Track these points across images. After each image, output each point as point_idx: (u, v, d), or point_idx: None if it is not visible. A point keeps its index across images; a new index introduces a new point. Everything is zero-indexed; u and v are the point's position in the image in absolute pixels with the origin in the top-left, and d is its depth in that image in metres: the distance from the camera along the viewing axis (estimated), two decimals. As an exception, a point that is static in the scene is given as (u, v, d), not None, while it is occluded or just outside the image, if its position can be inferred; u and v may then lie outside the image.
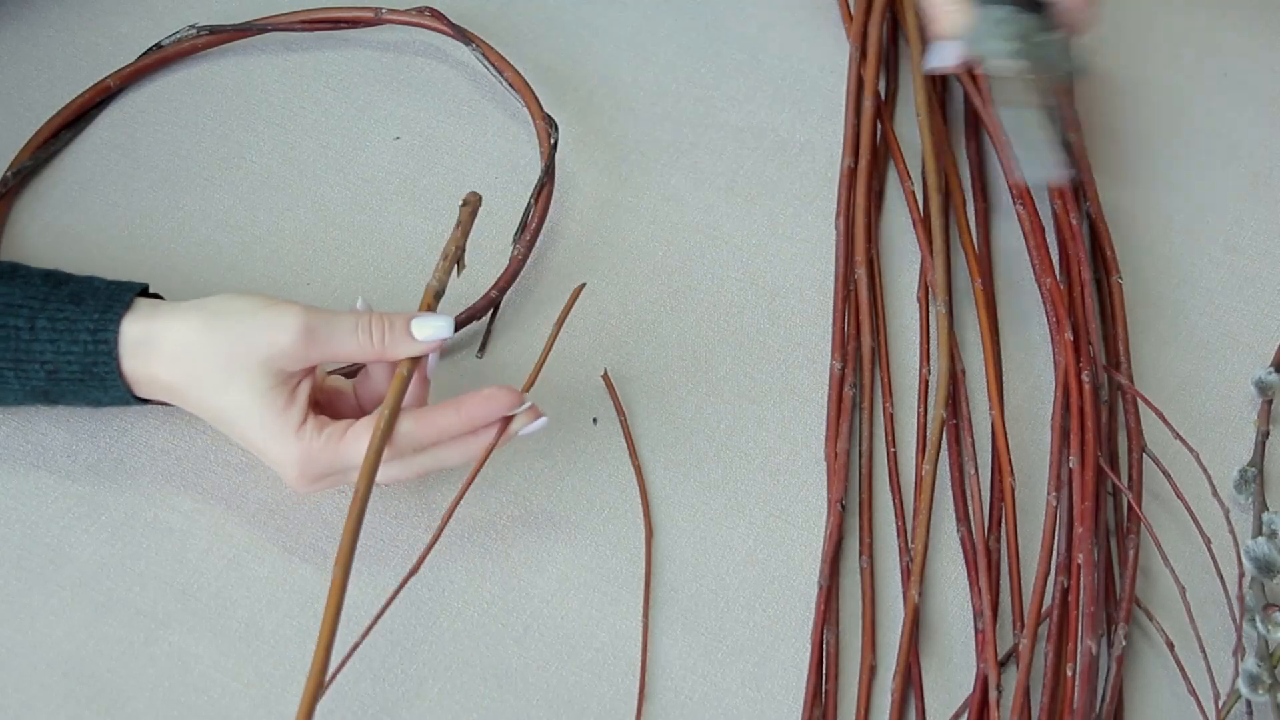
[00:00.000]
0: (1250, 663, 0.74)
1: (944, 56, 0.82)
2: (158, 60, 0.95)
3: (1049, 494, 0.79)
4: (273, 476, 0.80)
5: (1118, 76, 0.99)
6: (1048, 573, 0.76)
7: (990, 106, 0.89)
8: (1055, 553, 0.77)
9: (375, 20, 0.96)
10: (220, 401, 0.73)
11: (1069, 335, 0.82)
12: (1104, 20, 0.95)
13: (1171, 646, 0.76)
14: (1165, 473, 0.80)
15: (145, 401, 0.76)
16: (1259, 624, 0.75)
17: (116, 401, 0.75)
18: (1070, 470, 0.79)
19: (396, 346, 0.74)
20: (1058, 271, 0.88)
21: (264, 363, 0.73)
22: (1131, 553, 0.78)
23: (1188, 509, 0.79)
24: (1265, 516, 0.80)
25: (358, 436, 0.73)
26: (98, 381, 0.74)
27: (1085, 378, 0.81)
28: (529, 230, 0.87)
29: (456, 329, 0.83)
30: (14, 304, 0.73)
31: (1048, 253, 0.87)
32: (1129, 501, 0.79)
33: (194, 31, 0.95)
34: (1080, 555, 0.76)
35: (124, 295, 0.74)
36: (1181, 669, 0.75)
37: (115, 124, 0.93)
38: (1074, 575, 0.76)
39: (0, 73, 0.95)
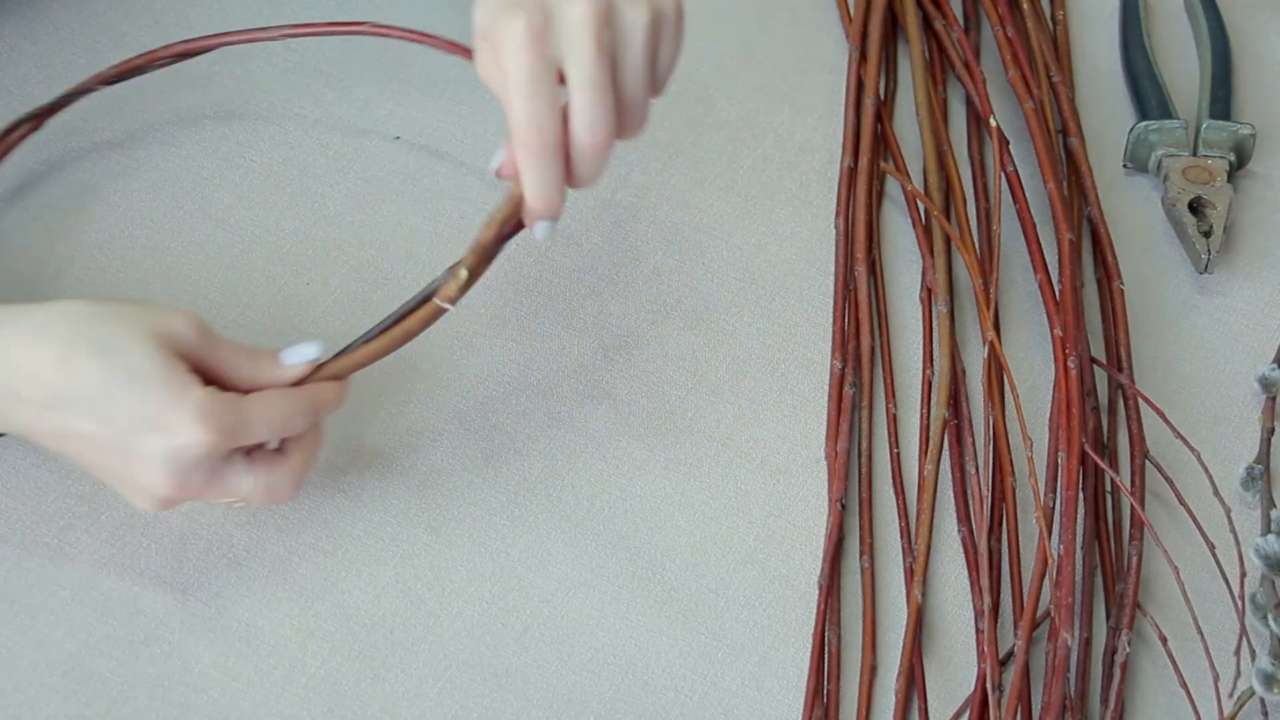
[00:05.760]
0: (1264, 661, 0.74)
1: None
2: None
3: (1046, 494, 0.79)
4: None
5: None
6: (1044, 574, 0.76)
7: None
8: (1056, 554, 0.77)
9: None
10: (102, 366, 0.68)
11: (1058, 331, 0.82)
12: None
13: (1164, 641, 0.75)
14: (1168, 479, 0.80)
15: None
16: (1271, 622, 0.75)
17: None
18: (1060, 464, 0.79)
19: (266, 376, 0.72)
20: (1053, 271, 0.87)
21: (159, 335, 0.69)
22: (1135, 559, 0.78)
23: (1190, 514, 0.79)
24: (1274, 514, 0.80)
25: (262, 396, 0.71)
26: None
27: (1071, 364, 0.81)
28: None
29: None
30: None
31: (1040, 249, 0.87)
32: (1132, 506, 0.79)
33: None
34: (1061, 545, 0.76)
35: None
36: (1178, 671, 0.75)
37: (115, 124, 0.93)
38: (1058, 567, 0.75)
39: (-1, 71, 0.95)
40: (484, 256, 0.75)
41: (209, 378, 0.71)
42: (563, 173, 0.73)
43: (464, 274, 0.74)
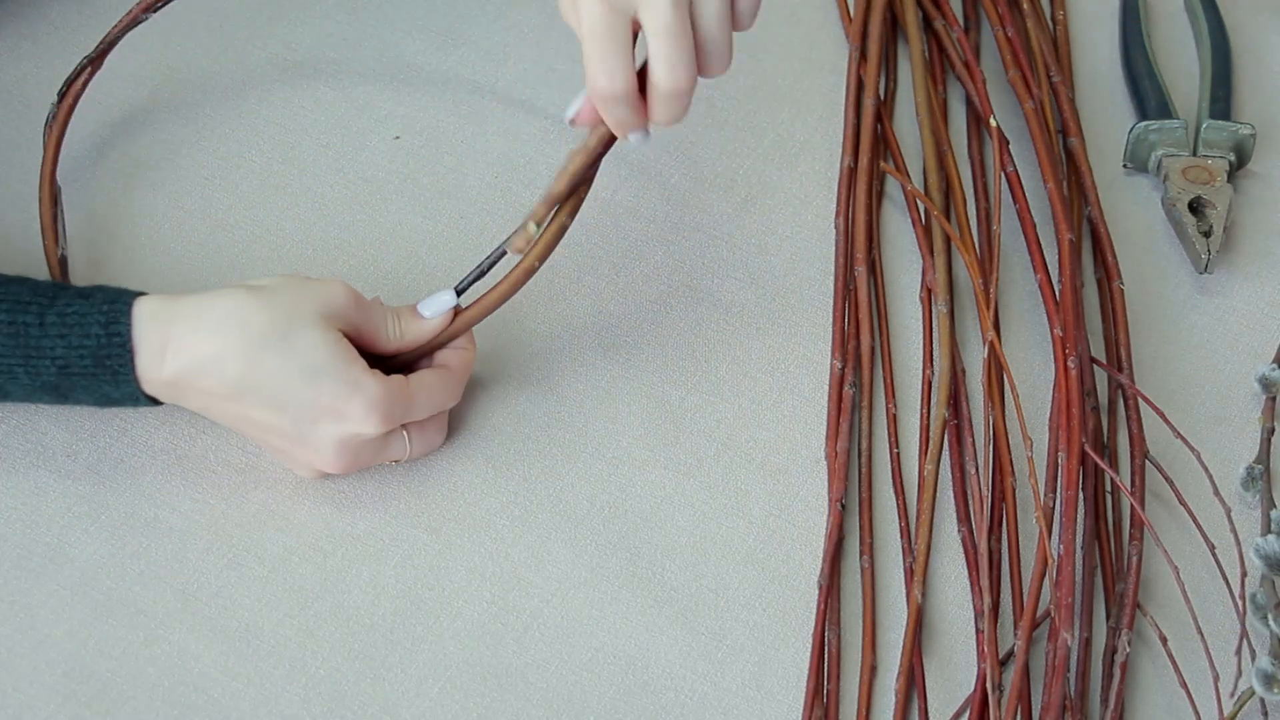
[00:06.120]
0: (1264, 661, 0.74)
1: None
2: None
3: (1046, 494, 0.79)
4: (273, 477, 0.80)
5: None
6: (1043, 574, 0.76)
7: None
8: (1056, 554, 0.77)
9: None
10: (280, 361, 0.73)
11: (1058, 331, 0.82)
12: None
13: (1164, 641, 0.75)
14: (1168, 479, 0.80)
15: (154, 402, 0.76)
16: (1271, 622, 0.75)
17: (126, 398, 0.75)
18: (1060, 464, 0.79)
19: (411, 331, 0.78)
20: (1053, 271, 0.87)
21: (323, 318, 0.74)
22: (1135, 559, 0.78)
23: (1190, 514, 0.79)
24: (1274, 514, 0.80)
25: (421, 378, 0.77)
26: (109, 375, 0.73)
27: (1071, 364, 0.81)
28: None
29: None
30: (23, 300, 0.73)
31: (1040, 249, 0.87)
32: (1132, 506, 0.79)
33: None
34: (1061, 545, 0.76)
35: (131, 290, 0.74)
36: (1178, 671, 0.75)
37: (113, 124, 0.93)
38: (1058, 567, 0.75)
39: (-1, 71, 0.95)
40: (551, 204, 0.77)
41: (363, 338, 0.77)
42: (638, 113, 0.74)
43: (532, 228, 0.77)
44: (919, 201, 0.90)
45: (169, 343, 0.73)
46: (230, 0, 0.98)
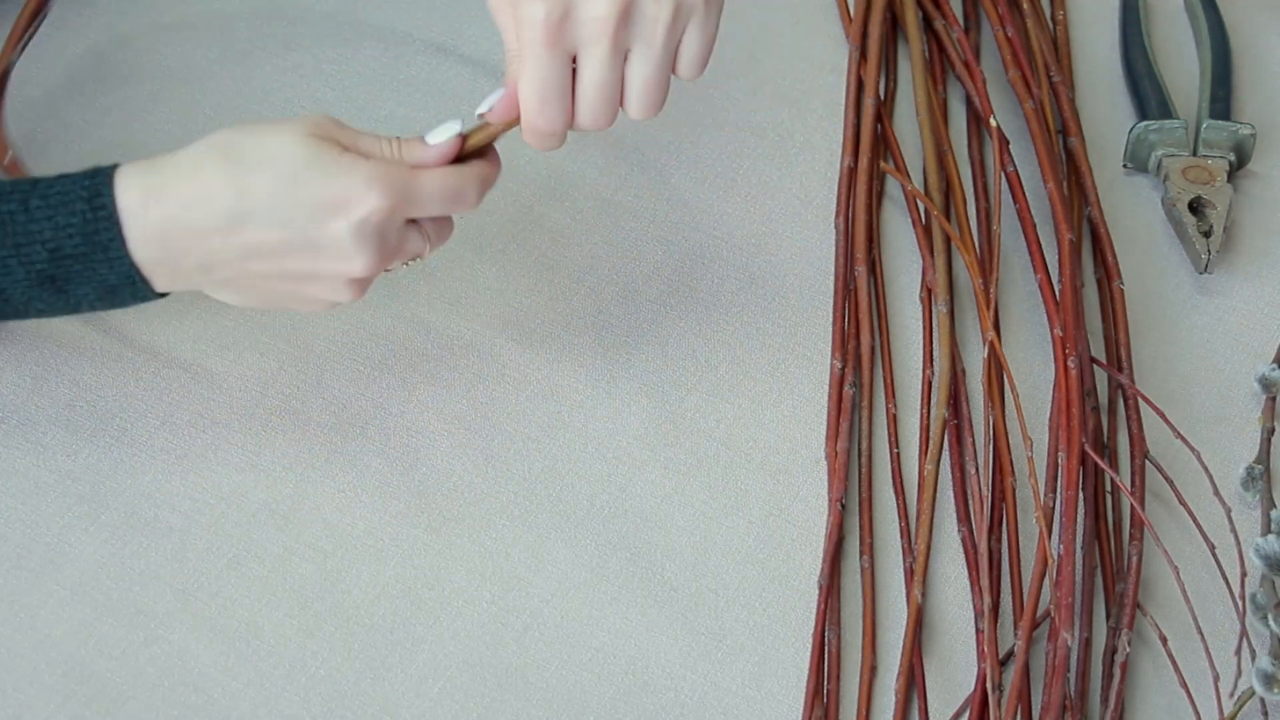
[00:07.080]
0: (1264, 661, 0.74)
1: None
2: None
3: (1046, 494, 0.79)
4: (273, 476, 0.80)
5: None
6: (1043, 574, 0.76)
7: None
8: (1056, 554, 0.77)
9: None
10: (267, 174, 0.70)
11: (1058, 331, 0.82)
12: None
13: (1164, 641, 0.75)
14: (1168, 479, 0.80)
15: (159, 296, 0.74)
16: (1271, 622, 0.75)
17: (124, 282, 0.72)
18: (1060, 464, 0.79)
19: (413, 155, 0.73)
20: (1053, 271, 0.87)
21: (307, 126, 0.71)
22: (1135, 559, 0.78)
23: (1190, 515, 0.79)
24: (1274, 514, 0.80)
25: (429, 169, 0.73)
26: (100, 252, 0.71)
27: (1071, 364, 0.81)
28: None
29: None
30: (4, 191, 0.71)
31: (1040, 249, 0.87)
32: (1132, 506, 0.79)
33: None
34: (1061, 545, 0.76)
35: (110, 165, 0.72)
36: (1178, 671, 0.75)
37: (114, 123, 0.93)
38: (1058, 567, 0.75)
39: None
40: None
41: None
42: (563, 140, 0.74)
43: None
44: (919, 201, 0.90)
45: (149, 193, 0.71)
46: (231, 1, 0.98)
